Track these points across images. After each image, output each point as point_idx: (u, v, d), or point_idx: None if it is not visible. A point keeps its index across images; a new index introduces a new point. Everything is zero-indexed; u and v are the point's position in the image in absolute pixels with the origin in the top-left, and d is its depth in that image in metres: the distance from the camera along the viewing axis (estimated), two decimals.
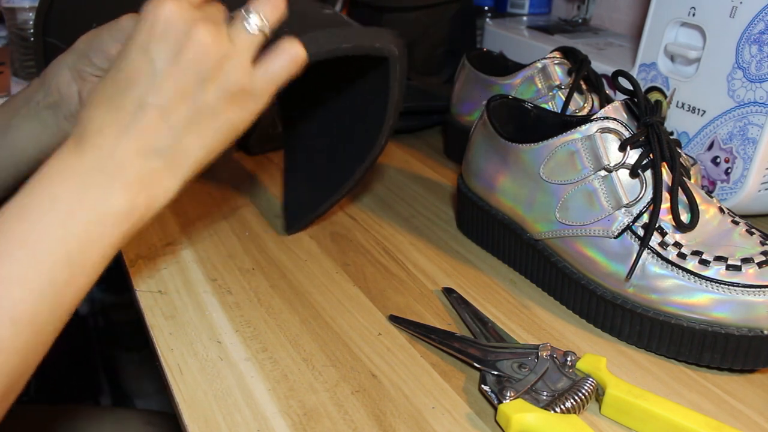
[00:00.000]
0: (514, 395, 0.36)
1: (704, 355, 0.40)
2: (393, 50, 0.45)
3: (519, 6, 0.98)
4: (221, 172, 0.67)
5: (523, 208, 0.48)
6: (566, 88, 0.60)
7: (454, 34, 0.86)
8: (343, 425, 0.36)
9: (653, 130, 0.43)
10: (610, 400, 0.37)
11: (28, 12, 0.82)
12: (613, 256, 0.43)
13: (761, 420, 0.37)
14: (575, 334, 0.44)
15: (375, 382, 0.40)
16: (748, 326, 0.39)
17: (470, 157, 0.53)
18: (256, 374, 0.40)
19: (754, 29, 0.52)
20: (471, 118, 0.68)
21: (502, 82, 0.63)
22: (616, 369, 0.41)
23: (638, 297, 0.42)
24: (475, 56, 0.70)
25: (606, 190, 0.43)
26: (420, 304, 0.47)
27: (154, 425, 0.67)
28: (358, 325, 0.45)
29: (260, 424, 0.36)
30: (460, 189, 0.55)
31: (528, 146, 0.46)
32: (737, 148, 0.55)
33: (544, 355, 0.39)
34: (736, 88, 0.54)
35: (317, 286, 0.49)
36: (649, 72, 0.63)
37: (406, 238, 0.56)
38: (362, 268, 0.51)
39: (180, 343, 0.42)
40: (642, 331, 0.42)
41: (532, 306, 0.47)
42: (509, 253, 0.51)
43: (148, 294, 0.47)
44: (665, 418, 0.35)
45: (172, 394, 0.38)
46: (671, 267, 0.41)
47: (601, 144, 0.43)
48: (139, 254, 0.52)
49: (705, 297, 0.40)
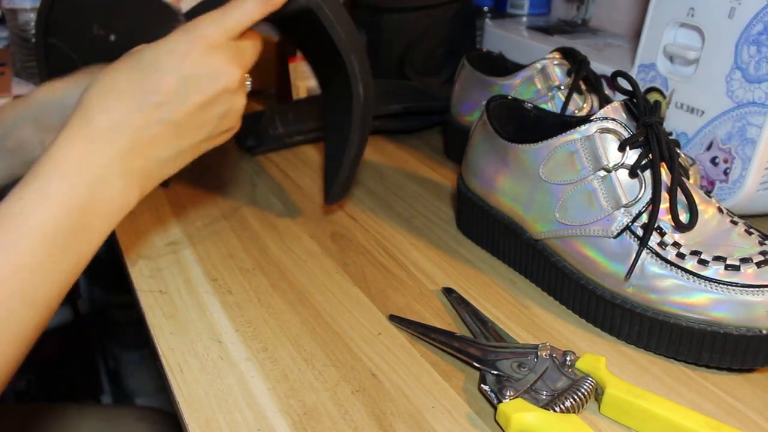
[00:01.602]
0: (514, 395, 0.36)
1: (703, 354, 0.41)
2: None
3: (518, 6, 0.98)
4: (221, 172, 0.68)
5: (522, 208, 0.48)
6: (566, 89, 0.60)
7: (453, 34, 0.86)
8: (343, 425, 0.36)
9: (652, 130, 0.43)
10: (609, 399, 0.37)
11: (30, 13, 0.83)
12: (613, 256, 0.43)
13: (760, 419, 0.38)
14: (575, 333, 0.45)
15: (375, 381, 0.40)
16: (746, 326, 0.39)
17: (470, 157, 0.54)
18: (256, 374, 0.40)
19: (752, 30, 0.52)
20: (471, 118, 0.68)
21: (501, 83, 0.64)
22: (616, 368, 0.41)
23: (637, 297, 0.42)
24: (475, 57, 0.70)
25: (605, 190, 0.43)
26: (420, 304, 0.47)
27: (146, 421, 0.68)
28: (358, 324, 0.45)
29: (260, 424, 0.36)
30: (460, 189, 0.56)
31: (527, 146, 0.47)
32: (736, 149, 0.55)
33: (543, 355, 0.39)
34: (735, 88, 0.54)
35: (317, 286, 0.49)
36: (648, 72, 0.63)
37: (406, 238, 0.56)
38: (362, 268, 0.52)
39: (180, 342, 0.42)
40: (641, 330, 0.42)
41: (532, 306, 0.47)
42: (509, 253, 0.52)
43: (148, 293, 0.47)
44: (664, 417, 0.35)
45: (172, 393, 0.38)
46: (670, 267, 0.41)
47: (600, 144, 0.43)
48: (139, 254, 0.52)
49: (704, 297, 0.40)
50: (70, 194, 0.34)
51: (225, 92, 0.39)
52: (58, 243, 0.34)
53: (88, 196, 0.35)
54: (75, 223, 0.34)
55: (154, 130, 0.37)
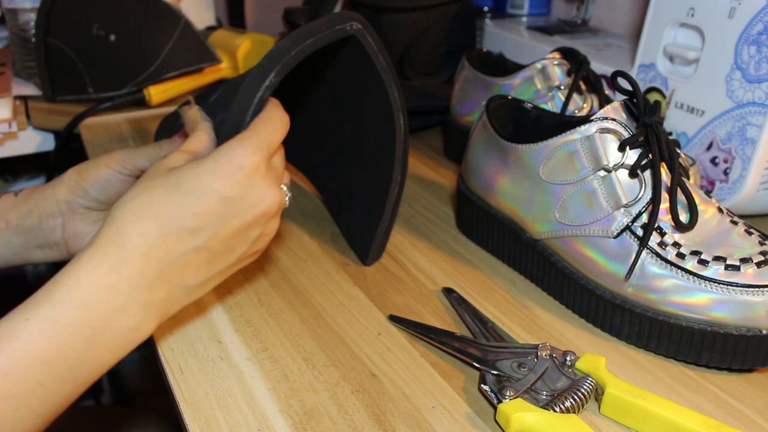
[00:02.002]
0: (514, 395, 0.36)
1: (703, 354, 0.41)
2: (355, 27, 0.42)
3: (518, 7, 0.98)
4: None
5: (522, 208, 0.48)
6: (566, 89, 0.60)
7: (453, 34, 0.86)
8: (343, 425, 0.36)
9: (652, 130, 0.43)
10: (609, 399, 0.37)
11: (30, 13, 0.83)
12: (613, 256, 0.43)
13: (760, 419, 0.38)
14: (574, 333, 0.45)
15: (375, 381, 0.40)
16: (746, 326, 0.39)
17: (470, 158, 0.54)
18: (256, 374, 0.40)
19: (752, 30, 0.52)
20: (471, 118, 0.68)
21: (501, 83, 0.64)
22: (616, 368, 0.41)
23: (637, 297, 0.42)
24: (475, 57, 0.70)
25: (605, 191, 0.43)
26: (420, 304, 0.47)
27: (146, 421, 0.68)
28: (358, 324, 0.45)
29: (260, 424, 0.36)
30: (459, 189, 0.56)
31: (527, 146, 0.47)
32: (736, 149, 0.55)
33: (543, 355, 0.39)
34: (735, 88, 0.54)
35: (317, 286, 0.49)
36: (648, 72, 0.63)
37: (406, 238, 0.56)
38: (362, 268, 0.52)
39: (180, 342, 0.42)
40: (641, 330, 0.42)
41: (532, 306, 0.47)
42: (509, 253, 0.52)
43: None
44: (664, 417, 0.35)
45: (172, 393, 0.38)
46: (670, 267, 0.41)
47: (600, 144, 0.43)
48: None
49: (704, 297, 0.40)
50: (82, 324, 0.31)
51: (263, 216, 0.37)
52: (56, 373, 0.30)
53: (100, 326, 0.32)
54: (79, 354, 0.31)
55: (187, 258, 0.35)
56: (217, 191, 0.35)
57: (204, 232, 0.35)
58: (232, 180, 0.35)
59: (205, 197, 0.34)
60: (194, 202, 0.34)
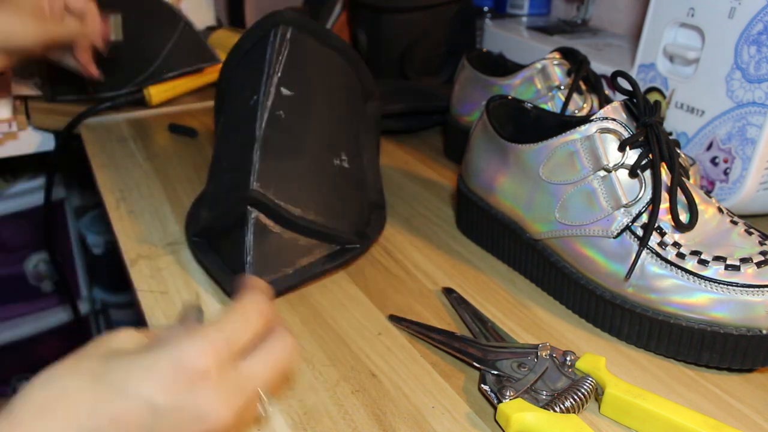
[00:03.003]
0: (514, 395, 0.36)
1: (703, 354, 0.41)
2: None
3: (518, 7, 0.98)
4: None
5: (522, 208, 0.48)
6: (566, 89, 0.60)
7: (453, 34, 0.86)
8: (343, 425, 0.36)
9: (652, 130, 0.43)
10: (609, 399, 0.37)
11: None
12: (613, 256, 0.43)
13: (760, 419, 0.38)
14: (574, 333, 0.45)
15: (375, 381, 0.40)
16: (746, 326, 0.39)
17: (470, 158, 0.54)
18: None
19: (752, 30, 0.52)
20: (471, 118, 0.68)
21: (501, 83, 0.64)
22: (616, 368, 0.41)
23: (637, 297, 0.42)
24: (475, 57, 0.70)
25: (605, 191, 0.43)
26: (420, 304, 0.47)
27: None
28: (358, 324, 0.45)
29: (260, 424, 0.36)
30: (459, 189, 0.56)
31: (527, 146, 0.47)
32: (736, 149, 0.55)
33: (543, 355, 0.39)
34: (735, 88, 0.54)
35: (317, 286, 0.49)
36: (648, 72, 0.63)
37: (406, 238, 0.56)
38: (362, 268, 0.52)
39: None
40: (641, 330, 0.42)
41: (532, 306, 0.47)
42: (509, 253, 0.52)
43: (149, 294, 0.47)
44: (664, 417, 0.35)
45: None
46: (670, 267, 0.41)
47: (600, 144, 0.43)
48: (140, 254, 0.52)
49: (704, 297, 0.40)
50: None
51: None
52: None
53: None
54: None
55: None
56: (146, 395, 0.27)
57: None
58: (169, 384, 0.28)
59: (130, 400, 0.27)
60: (116, 404, 0.27)
